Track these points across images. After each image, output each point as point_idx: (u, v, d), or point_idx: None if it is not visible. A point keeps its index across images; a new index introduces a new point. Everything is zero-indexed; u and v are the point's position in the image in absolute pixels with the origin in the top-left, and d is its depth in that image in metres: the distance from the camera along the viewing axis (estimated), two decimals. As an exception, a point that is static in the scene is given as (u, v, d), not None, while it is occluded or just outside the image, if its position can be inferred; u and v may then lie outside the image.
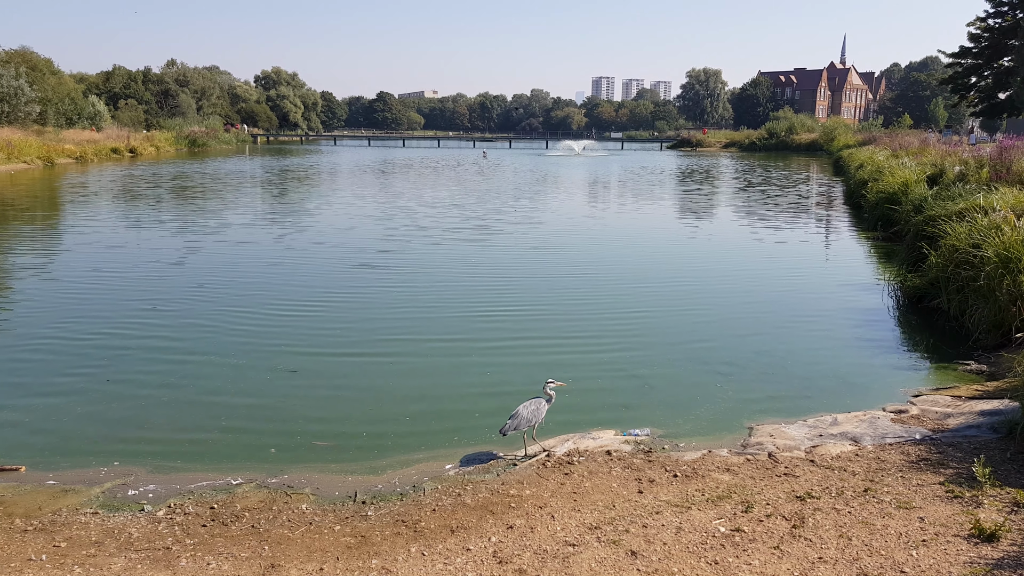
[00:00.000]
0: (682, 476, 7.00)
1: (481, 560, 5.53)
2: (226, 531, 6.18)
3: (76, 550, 5.83)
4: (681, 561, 5.39)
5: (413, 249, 20.52)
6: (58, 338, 11.86)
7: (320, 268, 17.91)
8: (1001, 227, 12.22)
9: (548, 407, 7.76)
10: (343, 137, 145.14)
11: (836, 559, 5.34)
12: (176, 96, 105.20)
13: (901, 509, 6.06)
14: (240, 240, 21.83)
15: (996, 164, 20.36)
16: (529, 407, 7.58)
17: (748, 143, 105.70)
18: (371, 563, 5.56)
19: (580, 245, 22.05)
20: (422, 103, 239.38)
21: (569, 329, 12.75)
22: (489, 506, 6.49)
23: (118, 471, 7.45)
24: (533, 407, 7.59)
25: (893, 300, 14.72)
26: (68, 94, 75.60)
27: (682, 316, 13.77)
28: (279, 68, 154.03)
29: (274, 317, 13.26)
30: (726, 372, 10.46)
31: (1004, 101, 62.02)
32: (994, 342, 10.90)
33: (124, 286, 15.65)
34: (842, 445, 7.71)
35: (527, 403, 7.64)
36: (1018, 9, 57.85)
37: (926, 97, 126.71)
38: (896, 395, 9.45)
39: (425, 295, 15.13)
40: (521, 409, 7.55)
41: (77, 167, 56.02)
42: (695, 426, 8.54)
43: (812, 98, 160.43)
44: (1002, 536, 5.43)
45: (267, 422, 8.72)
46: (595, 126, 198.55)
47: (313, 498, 6.87)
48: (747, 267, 18.93)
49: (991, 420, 8.06)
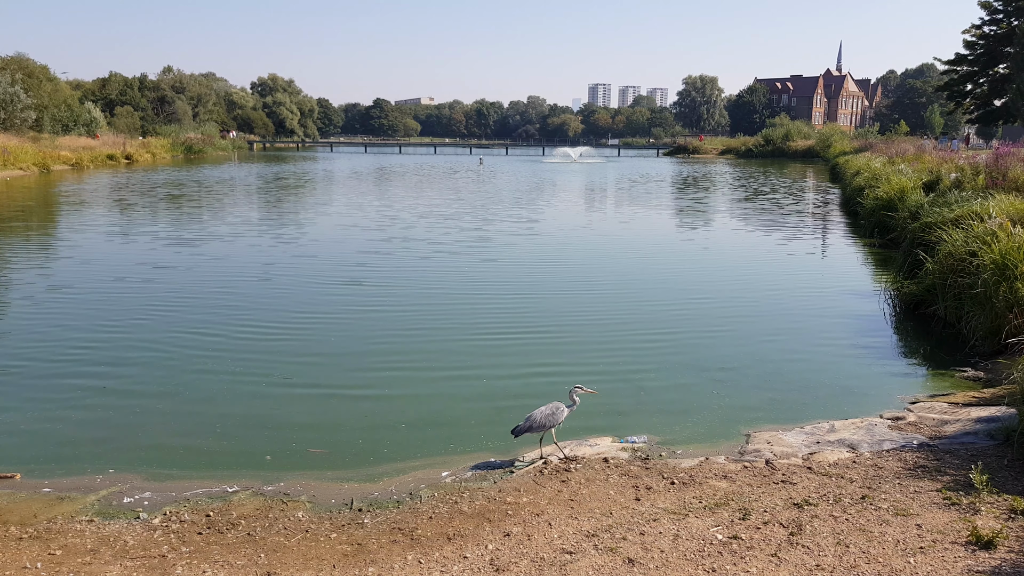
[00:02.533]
0: (679, 483, 6.98)
1: (478, 568, 5.51)
2: (222, 539, 6.16)
3: (71, 558, 5.80)
4: (678, 569, 5.38)
5: (409, 257, 20.51)
6: (52, 346, 11.83)
7: (316, 276, 17.88)
8: (997, 234, 12.23)
9: (569, 412, 7.67)
10: (340, 144, 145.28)
11: (834, 566, 5.32)
12: (172, 103, 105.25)
13: (899, 516, 6.05)
14: (235, 248, 21.81)
15: (992, 171, 20.42)
16: (544, 411, 7.51)
17: (744, 150, 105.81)
18: (367, 571, 5.54)
19: (576, 252, 22.05)
20: (419, 110, 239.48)
21: (565, 336, 12.75)
22: (486, 513, 6.47)
23: (114, 479, 7.42)
24: (548, 411, 7.52)
25: (890, 307, 14.73)
26: (64, 101, 75.58)
27: (678, 323, 13.76)
28: (275, 75, 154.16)
29: (270, 325, 13.23)
30: (723, 379, 10.45)
31: (1000, 108, 62.12)
32: (991, 349, 10.91)
33: (120, 294, 15.62)
34: (839, 452, 7.70)
35: (544, 407, 7.59)
36: (1013, 16, 58.01)
37: (922, 104, 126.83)
38: (893, 402, 9.45)
39: (420, 303, 15.12)
40: (536, 413, 7.52)
41: (73, 174, 55.99)
42: (692, 433, 8.53)
43: (808, 105, 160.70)
44: (1000, 543, 5.42)
45: (263, 430, 8.69)
46: (592, 133, 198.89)
47: (309, 506, 6.85)
48: (743, 274, 18.94)
49: (988, 427, 8.06)
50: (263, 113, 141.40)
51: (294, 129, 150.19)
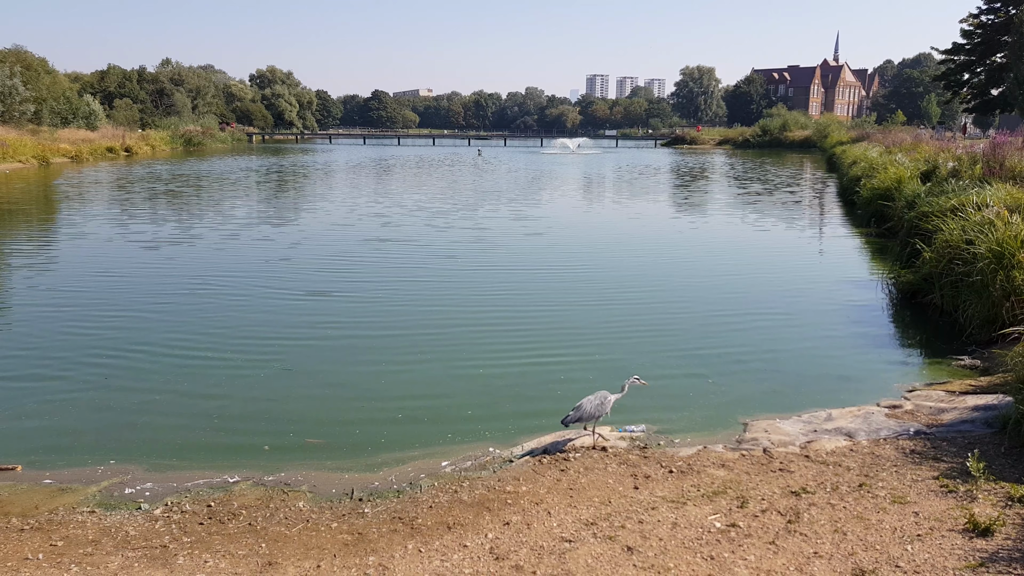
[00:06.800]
0: (677, 472, 7.02)
1: (478, 556, 5.54)
2: (223, 529, 6.19)
3: (73, 549, 5.83)
4: (677, 557, 5.41)
5: (408, 248, 20.51)
6: (53, 337, 11.84)
7: (314, 266, 17.89)
8: (994, 223, 12.25)
9: (615, 399, 7.69)
10: (338, 136, 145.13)
11: (831, 554, 5.36)
12: (171, 95, 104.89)
13: (896, 504, 6.08)
14: (235, 239, 21.81)
15: (989, 160, 20.41)
16: (593, 401, 7.54)
17: (742, 140, 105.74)
18: (368, 560, 5.57)
19: (574, 243, 22.07)
20: (417, 101, 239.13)
21: (564, 325, 12.77)
22: (485, 503, 6.50)
23: (115, 470, 7.45)
24: (597, 401, 7.54)
25: (886, 296, 14.76)
26: (63, 93, 75.23)
27: (675, 312, 13.79)
28: (274, 67, 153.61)
29: (269, 316, 13.26)
30: (720, 368, 10.48)
31: (997, 97, 62.02)
32: (987, 337, 10.93)
33: (119, 285, 15.64)
34: (837, 440, 7.74)
35: (592, 396, 7.61)
36: (1011, 5, 57.87)
37: (919, 94, 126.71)
38: (890, 390, 9.48)
39: (418, 293, 15.14)
40: (585, 402, 7.54)
41: (72, 166, 55.90)
42: (690, 422, 8.57)
43: (805, 95, 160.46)
44: (996, 530, 5.46)
45: (263, 420, 8.72)
46: (590, 124, 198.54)
47: (310, 496, 6.88)
48: (740, 264, 18.96)
49: (985, 415, 8.09)
50: (262, 105, 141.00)
51: (293, 121, 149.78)
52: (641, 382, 7.92)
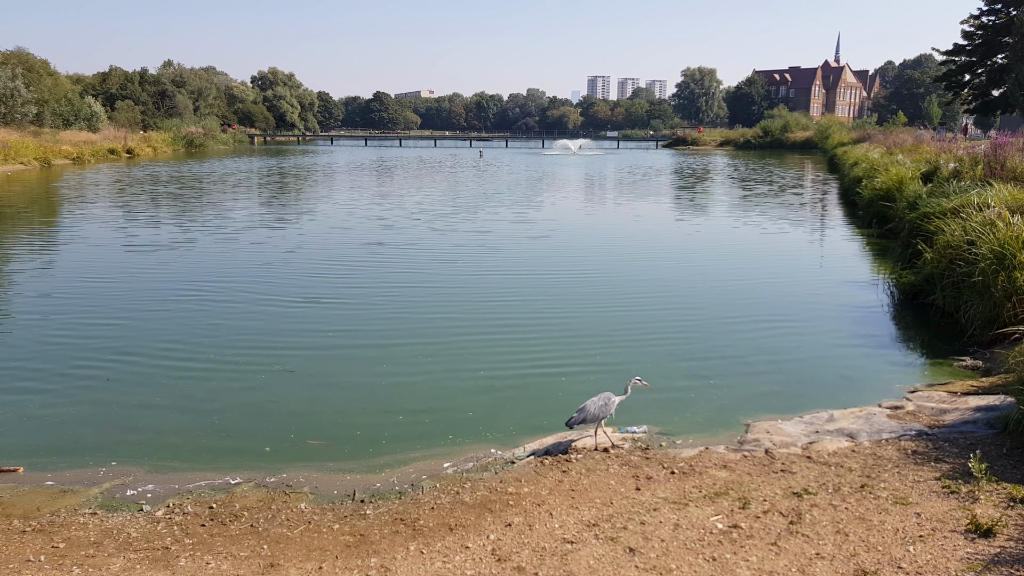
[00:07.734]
0: (679, 473, 7.01)
1: (480, 558, 5.55)
2: (225, 530, 6.19)
3: (75, 551, 5.83)
4: (679, 558, 5.41)
5: (410, 248, 20.51)
6: (54, 339, 11.86)
7: (316, 268, 17.89)
8: (995, 223, 12.25)
9: (619, 400, 7.74)
10: (340, 137, 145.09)
11: (833, 555, 5.36)
12: (173, 97, 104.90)
13: (898, 505, 6.08)
14: (235, 240, 21.82)
15: (990, 161, 20.40)
16: (597, 402, 7.59)
17: (743, 141, 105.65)
18: (370, 561, 5.57)
19: (576, 243, 22.07)
20: (418, 103, 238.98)
21: (564, 327, 12.77)
22: (487, 504, 6.50)
23: (116, 471, 7.45)
24: (601, 402, 7.60)
25: (888, 297, 14.76)
26: (65, 95, 75.26)
27: (677, 313, 13.79)
28: (276, 69, 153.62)
29: (270, 317, 13.26)
30: (722, 369, 10.48)
31: (998, 98, 61.93)
32: (989, 338, 10.93)
33: (121, 288, 15.64)
34: (838, 441, 7.73)
35: (596, 398, 7.64)
36: (1012, 6, 57.83)
37: (920, 95, 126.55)
38: (892, 391, 9.47)
39: (419, 294, 15.14)
40: (589, 404, 7.58)
41: (74, 168, 55.91)
42: (692, 423, 8.56)
43: (807, 96, 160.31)
44: (998, 531, 5.45)
45: (265, 422, 8.73)
46: (591, 125, 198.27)
47: (312, 497, 6.88)
48: (742, 265, 18.96)
49: (987, 416, 8.08)
50: (264, 107, 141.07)
51: (295, 123, 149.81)
52: (643, 383, 7.93)
